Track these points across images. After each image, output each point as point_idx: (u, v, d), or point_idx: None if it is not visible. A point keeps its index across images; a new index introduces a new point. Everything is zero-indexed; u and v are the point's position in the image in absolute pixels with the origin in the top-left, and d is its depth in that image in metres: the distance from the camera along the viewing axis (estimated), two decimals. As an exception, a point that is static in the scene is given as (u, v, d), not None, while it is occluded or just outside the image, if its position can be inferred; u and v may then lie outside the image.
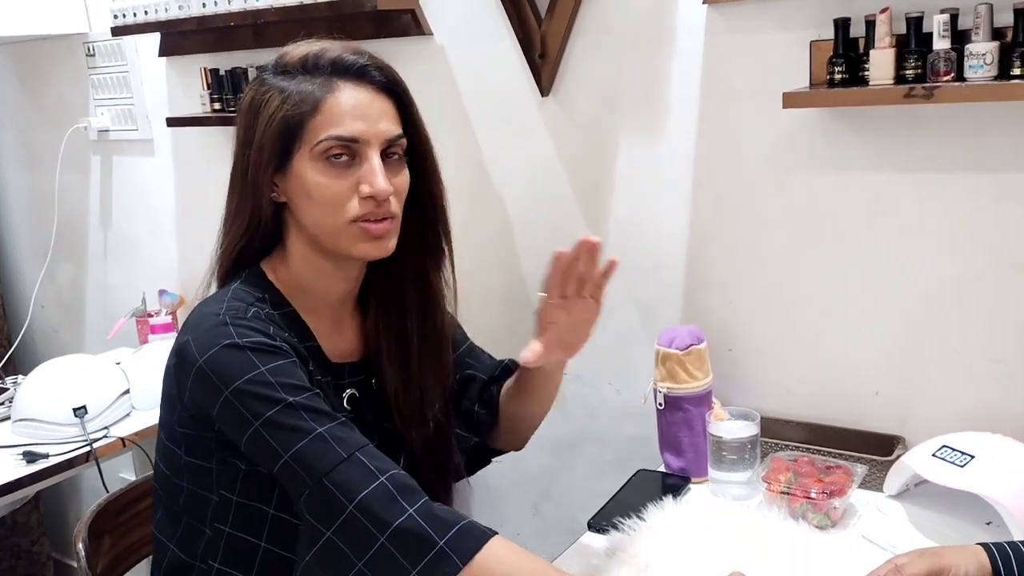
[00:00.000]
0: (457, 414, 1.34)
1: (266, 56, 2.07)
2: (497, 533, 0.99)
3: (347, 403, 1.18)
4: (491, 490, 2.03)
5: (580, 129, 1.73)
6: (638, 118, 1.65)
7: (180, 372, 1.07)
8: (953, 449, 1.27)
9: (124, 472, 2.47)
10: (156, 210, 2.51)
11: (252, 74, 2.11)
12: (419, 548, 0.95)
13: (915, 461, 1.30)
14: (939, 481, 1.25)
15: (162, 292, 2.43)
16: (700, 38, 1.55)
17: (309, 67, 1.08)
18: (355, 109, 1.07)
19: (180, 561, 1.14)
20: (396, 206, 1.11)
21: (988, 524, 1.24)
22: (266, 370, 1.02)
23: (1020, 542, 0.99)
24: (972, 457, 1.25)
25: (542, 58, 1.71)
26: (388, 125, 1.09)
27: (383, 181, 1.07)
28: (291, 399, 1.01)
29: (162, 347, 2.17)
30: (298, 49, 1.10)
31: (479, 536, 0.97)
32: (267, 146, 1.07)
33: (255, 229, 1.12)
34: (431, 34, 1.86)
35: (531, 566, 0.98)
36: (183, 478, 1.12)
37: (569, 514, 1.84)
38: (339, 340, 1.19)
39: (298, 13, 1.87)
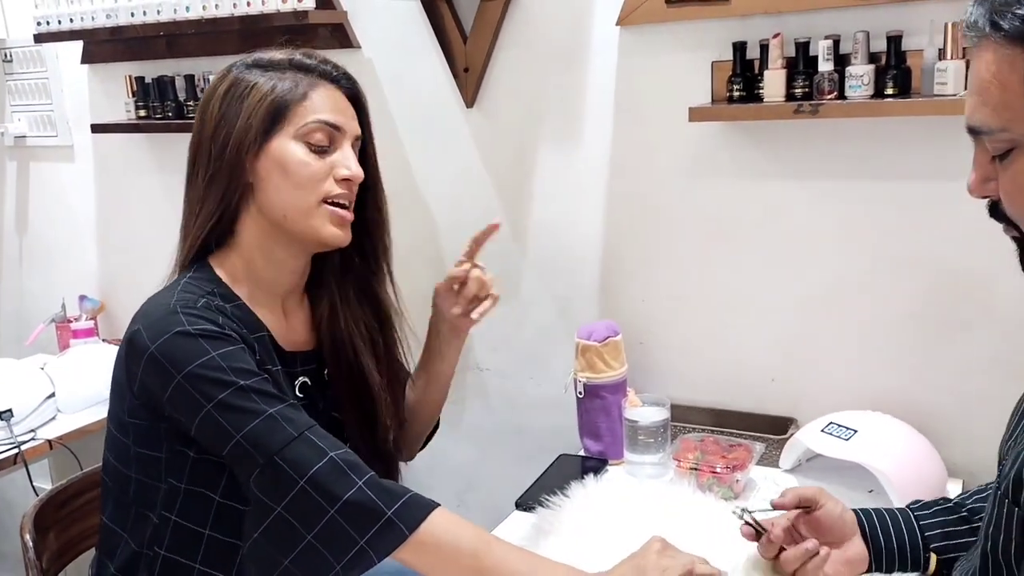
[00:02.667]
0: None
1: (184, 65, 2.14)
2: (440, 505, 1.05)
3: (299, 391, 1.22)
4: (415, 483, 2.07)
5: (503, 139, 1.83)
6: (557, 129, 1.77)
7: (131, 360, 1.09)
8: (839, 425, 1.43)
9: (39, 481, 2.42)
10: (76, 216, 2.49)
11: (180, 83, 2.14)
12: (367, 519, 1.00)
13: (806, 437, 1.45)
14: (827, 453, 1.40)
15: (82, 298, 2.41)
16: (614, 56, 1.68)
17: (296, 65, 1.17)
18: (336, 104, 1.17)
19: (131, 550, 1.15)
20: (352, 198, 1.19)
21: (870, 492, 1.40)
22: (217, 355, 1.05)
23: (883, 508, 1.10)
24: (855, 432, 1.40)
25: (466, 71, 1.81)
26: (356, 125, 1.20)
27: (357, 166, 1.17)
28: (242, 382, 1.04)
29: (87, 351, 2.17)
30: (278, 53, 1.19)
31: (424, 506, 1.03)
32: (255, 124, 1.13)
33: (225, 208, 1.16)
34: (359, 47, 1.93)
35: (472, 533, 1.04)
36: (132, 468, 1.14)
37: (493, 503, 1.92)
38: (289, 330, 1.24)
39: (212, 26, 1.94)
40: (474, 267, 1.34)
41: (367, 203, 1.25)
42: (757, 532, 1.03)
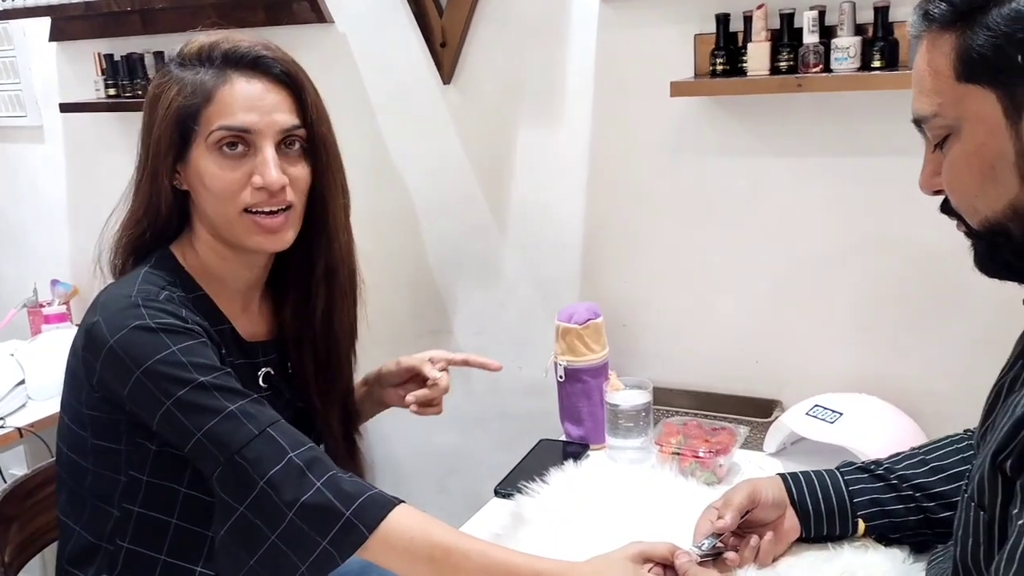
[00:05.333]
0: None
1: (157, 42, 2.08)
2: (403, 501, 1.03)
3: (263, 381, 1.19)
4: (396, 470, 2.07)
5: (481, 116, 1.79)
6: (537, 106, 1.73)
7: (89, 353, 1.07)
8: (824, 408, 1.40)
9: (15, 468, 2.39)
10: (47, 198, 2.44)
11: (149, 60, 2.09)
12: (327, 520, 0.98)
13: (791, 420, 1.42)
14: (812, 436, 1.37)
15: (55, 282, 2.36)
16: (594, 30, 1.64)
17: (204, 58, 1.08)
18: (247, 100, 1.07)
19: (87, 543, 1.13)
20: (293, 197, 1.10)
21: (855, 475, 1.37)
22: (177, 350, 1.03)
23: (811, 471, 1.13)
24: (841, 414, 1.37)
25: (443, 47, 1.77)
26: (283, 116, 1.09)
27: (275, 172, 1.07)
28: (202, 379, 1.02)
29: (57, 337, 2.12)
30: (197, 40, 1.11)
31: (384, 504, 1.01)
32: (164, 136, 1.08)
33: (153, 216, 1.12)
34: (332, 22, 1.88)
35: (436, 530, 1.01)
36: (88, 460, 1.11)
37: (475, 488, 1.89)
38: (252, 322, 1.21)
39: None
40: (446, 374, 1.31)
41: (315, 198, 1.15)
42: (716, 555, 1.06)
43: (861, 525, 1.09)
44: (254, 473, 0.99)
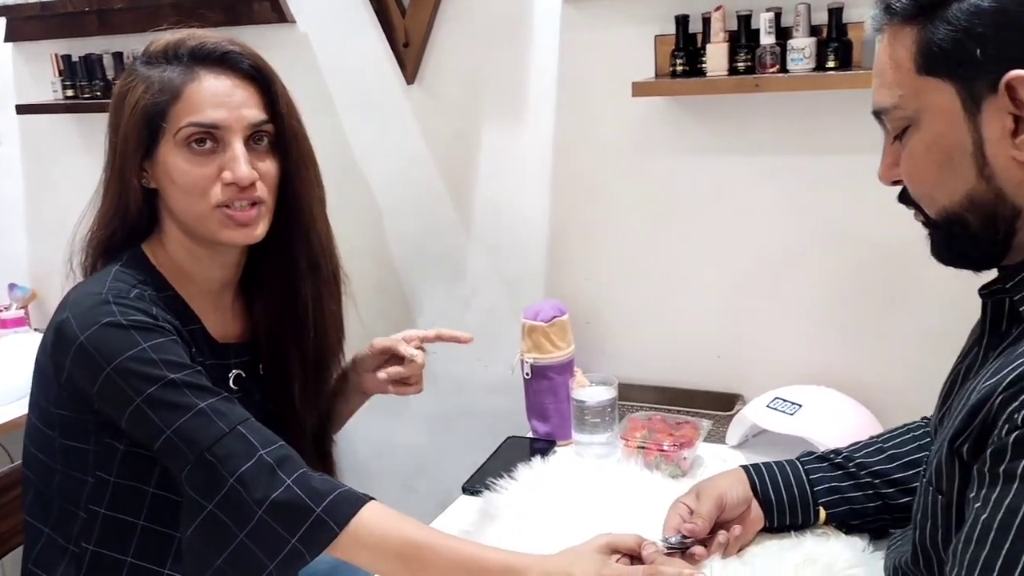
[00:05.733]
0: None
1: (116, 42, 2.06)
2: (374, 499, 1.04)
3: (233, 383, 1.19)
4: (362, 470, 2.07)
5: (445, 116, 1.80)
6: (501, 105, 1.74)
7: (58, 351, 1.06)
8: (784, 400, 1.43)
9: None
10: (3, 201, 2.39)
11: (108, 61, 2.06)
12: (297, 518, 0.99)
13: (752, 413, 1.45)
14: (773, 428, 1.40)
15: (12, 286, 2.32)
16: (557, 31, 1.65)
17: (171, 55, 1.08)
18: (215, 96, 1.07)
19: (54, 545, 1.12)
20: (263, 192, 1.11)
21: (815, 465, 1.41)
22: (148, 347, 1.02)
23: (773, 462, 1.16)
24: (800, 406, 1.41)
25: (406, 46, 1.77)
26: (252, 111, 1.09)
27: (245, 168, 1.07)
28: (173, 376, 1.02)
29: (15, 341, 2.10)
30: (163, 38, 1.11)
31: (354, 502, 1.01)
32: (132, 134, 1.07)
33: (122, 216, 1.12)
34: (294, 22, 1.88)
35: (406, 526, 1.02)
36: (57, 460, 1.10)
37: (442, 487, 1.90)
38: (224, 322, 1.20)
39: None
40: (422, 351, 1.32)
41: (287, 194, 1.15)
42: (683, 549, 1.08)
43: (822, 513, 1.12)
44: (224, 471, 0.99)
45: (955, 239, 0.83)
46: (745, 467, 1.16)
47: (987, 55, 0.75)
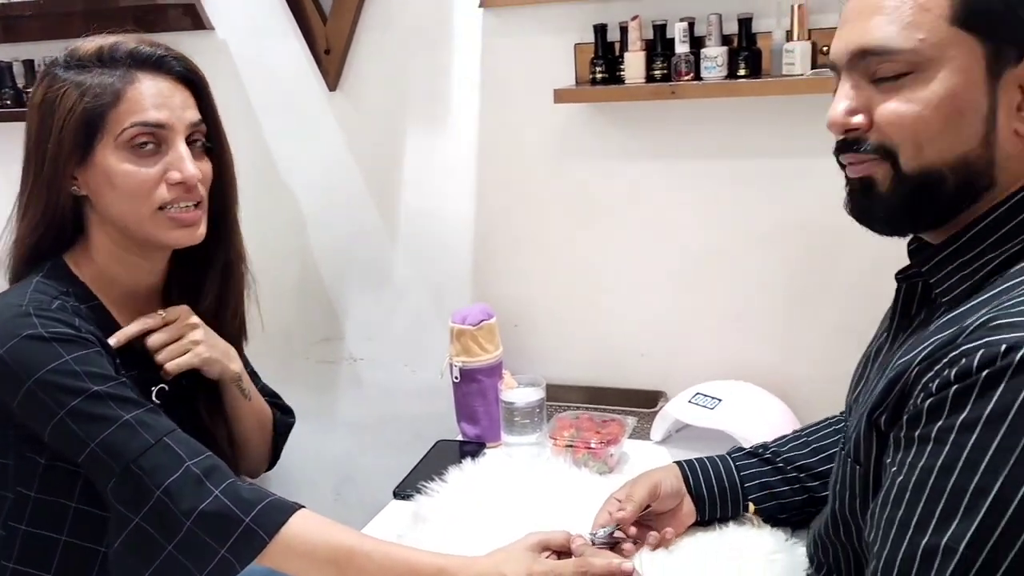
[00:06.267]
0: None
1: (23, 50, 2.00)
2: (303, 507, 1.04)
3: (156, 396, 1.18)
4: (289, 479, 2.04)
5: (369, 122, 1.80)
6: (424, 112, 1.75)
7: None
8: (705, 395, 1.48)
9: None
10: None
11: (18, 68, 2.00)
12: (226, 528, 0.98)
13: (675, 409, 1.50)
14: (694, 423, 1.45)
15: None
16: (479, 37, 1.67)
17: (105, 59, 1.07)
18: (157, 97, 1.07)
19: None
20: (204, 192, 1.12)
21: (735, 457, 1.46)
22: (71, 359, 1.01)
23: (705, 458, 1.20)
24: (720, 401, 1.46)
25: (328, 53, 1.77)
26: (191, 112, 1.11)
27: (191, 166, 1.08)
28: (96, 388, 1.01)
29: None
30: (91, 43, 1.09)
31: (284, 510, 1.02)
32: (67, 140, 1.05)
33: (50, 223, 1.10)
34: (212, 29, 1.85)
35: (337, 533, 1.03)
36: None
37: (372, 494, 1.89)
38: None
39: (53, 7, 1.82)
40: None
41: (214, 195, 1.16)
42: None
43: (751, 507, 1.15)
44: (150, 483, 0.98)
45: (919, 195, 0.80)
46: (679, 463, 1.18)
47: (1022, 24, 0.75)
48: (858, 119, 0.81)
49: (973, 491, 0.68)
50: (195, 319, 1.19)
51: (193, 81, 1.12)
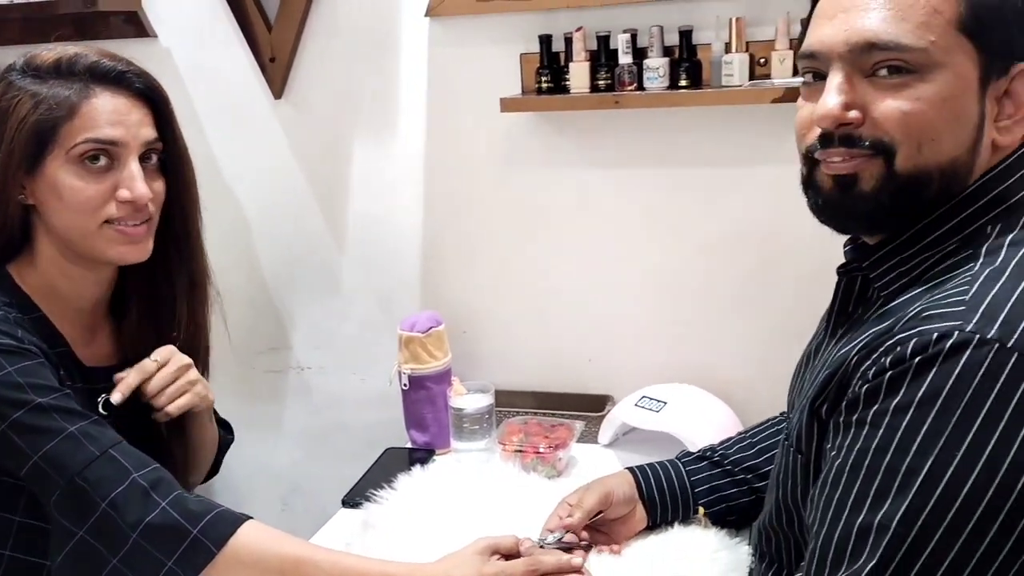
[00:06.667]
0: None
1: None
2: (252, 518, 1.04)
3: (103, 407, 1.16)
4: (236, 490, 2.03)
5: (315, 130, 1.80)
6: (371, 120, 1.76)
7: None
8: (651, 399, 1.51)
9: None
10: None
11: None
12: (173, 540, 0.98)
13: (621, 412, 1.52)
14: (641, 425, 1.48)
15: None
16: (425, 46, 1.69)
17: (63, 71, 1.05)
18: (113, 114, 1.06)
19: None
20: (153, 210, 1.11)
21: (681, 459, 1.49)
22: (13, 371, 0.99)
23: (657, 463, 1.22)
24: (665, 403, 1.49)
25: (273, 61, 1.76)
26: (147, 130, 1.09)
27: (142, 186, 1.07)
28: (40, 400, 0.99)
29: None
30: (50, 53, 1.07)
31: (232, 521, 1.01)
32: (17, 149, 1.04)
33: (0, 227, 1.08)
34: (155, 36, 1.83)
35: (285, 543, 1.02)
36: None
37: (320, 505, 1.88)
38: (92, 345, 1.17)
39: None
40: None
41: (174, 214, 1.16)
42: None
43: (701, 510, 1.18)
44: (95, 495, 0.97)
45: (904, 195, 0.80)
46: (631, 469, 1.20)
47: (1016, 41, 0.79)
48: (853, 113, 0.80)
49: (905, 471, 0.71)
50: (186, 358, 1.19)
51: (152, 98, 1.11)
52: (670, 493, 1.18)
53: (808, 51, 0.84)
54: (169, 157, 1.13)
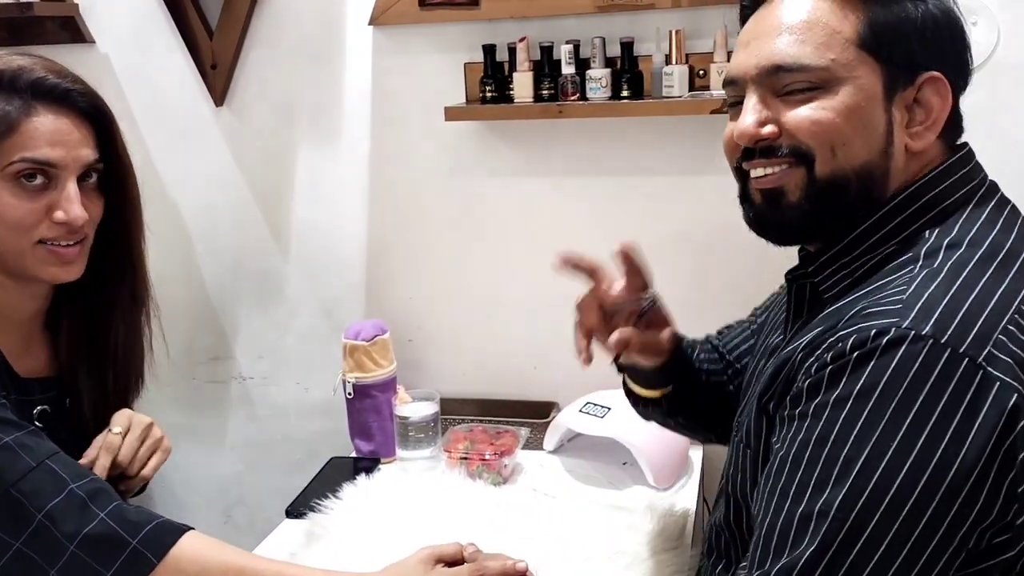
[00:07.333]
0: None
1: None
2: (192, 528, 1.02)
3: (38, 419, 1.13)
4: (177, 502, 1.99)
5: (257, 138, 1.78)
6: (315, 127, 1.75)
7: None
8: (595, 404, 1.52)
9: None
10: None
11: None
12: (111, 551, 0.96)
13: (566, 418, 1.54)
14: (585, 431, 1.50)
15: None
16: (369, 55, 1.69)
17: (5, 85, 1.02)
18: (54, 135, 1.02)
19: None
20: (88, 231, 1.08)
21: (624, 464, 1.51)
22: None
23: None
24: (609, 409, 1.50)
25: (214, 68, 1.74)
26: (87, 151, 1.06)
27: (78, 209, 1.04)
28: None
29: None
30: (3, 57, 1.04)
31: (173, 531, 1.00)
32: None
33: None
34: (93, 42, 1.80)
35: (228, 553, 1.01)
36: None
37: (264, 516, 1.87)
38: (28, 356, 1.14)
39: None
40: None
41: (115, 230, 1.13)
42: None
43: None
44: (31, 506, 0.95)
45: (826, 201, 0.85)
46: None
47: (919, 54, 0.84)
48: (768, 129, 0.86)
49: (843, 460, 0.74)
50: (145, 418, 1.17)
51: (97, 118, 1.08)
52: (690, 354, 1.21)
53: (728, 78, 0.92)
54: (112, 176, 1.11)
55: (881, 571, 0.72)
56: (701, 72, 1.52)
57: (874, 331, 0.75)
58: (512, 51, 1.56)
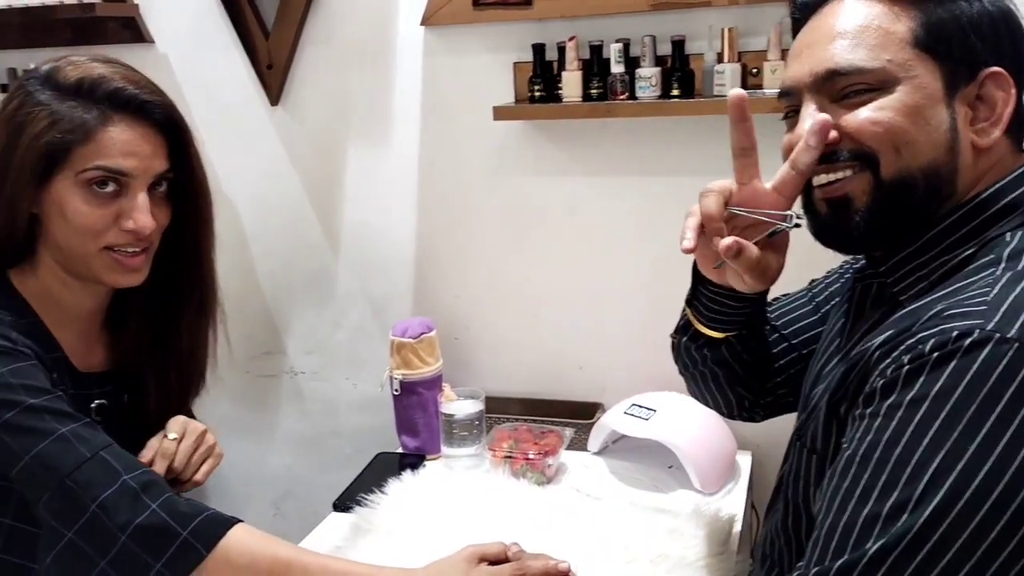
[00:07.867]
0: None
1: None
2: (242, 520, 1.04)
3: (96, 413, 1.16)
4: (228, 494, 2.03)
5: (311, 137, 1.81)
6: (366, 126, 1.77)
7: None
8: (640, 406, 1.51)
9: None
10: None
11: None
12: (162, 542, 0.98)
13: (611, 420, 1.53)
14: (630, 433, 1.49)
15: None
16: (420, 55, 1.70)
17: (84, 93, 1.04)
18: (127, 145, 1.05)
19: None
20: (155, 237, 1.11)
21: (670, 467, 1.50)
22: (6, 371, 0.99)
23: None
24: (654, 411, 1.49)
25: (270, 68, 1.77)
26: (160, 162, 1.08)
27: (147, 218, 1.07)
28: (32, 401, 0.99)
29: None
30: (74, 69, 1.06)
31: (222, 523, 1.01)
32: (28, 163, 1.03)
33: (4, 238, 1.08)
34: (153, 42, 1.85)
35: (275, 546, 1.02)
36: None
37: (312, 508, 1.89)
38: (86, 352, 1.17)
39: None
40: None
41: (185, 240, 1.16)
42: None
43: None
44: (85, 497, 0.97)
45: (894, 203, 0.84)
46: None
47: (979, 50, 0.83)
48: (832, 134, 0.85)
49: (915, 464, 0.72)
50: (200, 425, 1.20)
51: (172, 129, 1.10)
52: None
53: (783, 89, 0.91)
54: (184, 187, 1.13)
55: None
56: (754, 71, 1.49)
57: (956, 332, 0.73)
58: (561, 50, 1.56)
